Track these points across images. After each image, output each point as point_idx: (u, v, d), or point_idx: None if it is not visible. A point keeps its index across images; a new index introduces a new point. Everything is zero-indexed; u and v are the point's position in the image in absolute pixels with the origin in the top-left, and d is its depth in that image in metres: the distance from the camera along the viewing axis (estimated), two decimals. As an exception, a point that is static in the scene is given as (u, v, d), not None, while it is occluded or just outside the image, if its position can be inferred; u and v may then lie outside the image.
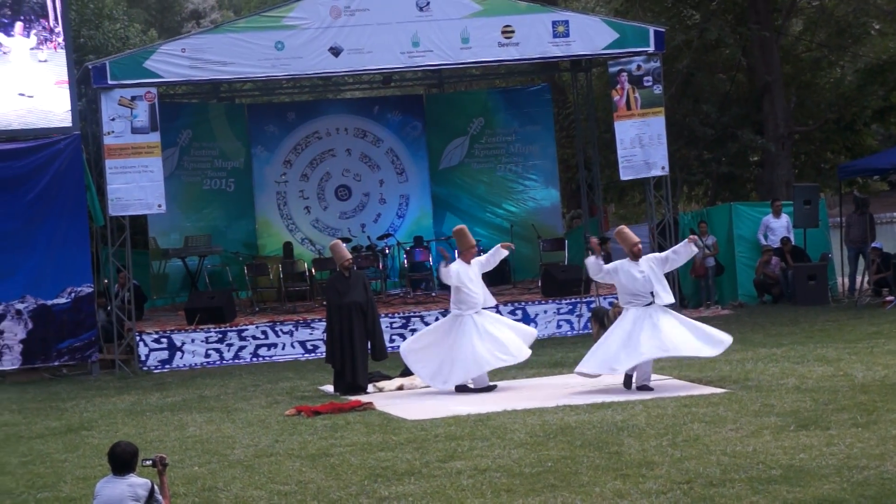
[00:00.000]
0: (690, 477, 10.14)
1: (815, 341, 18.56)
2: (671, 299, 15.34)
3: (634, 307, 15.26)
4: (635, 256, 15.32)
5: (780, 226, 25.40)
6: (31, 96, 21.04)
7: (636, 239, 15.53)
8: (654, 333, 15.00)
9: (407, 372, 17.09)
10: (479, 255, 16.60)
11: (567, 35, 22.28)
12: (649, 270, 15.22)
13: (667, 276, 21.12)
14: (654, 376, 15.54)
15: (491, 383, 16.06)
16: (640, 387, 15.09)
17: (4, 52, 20.99)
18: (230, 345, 21.65)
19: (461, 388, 16.02)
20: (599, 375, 15.53)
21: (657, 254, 15.88)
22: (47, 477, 12.05)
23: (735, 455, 10.83)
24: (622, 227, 16.23)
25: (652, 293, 15.16)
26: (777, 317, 22.57)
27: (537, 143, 28.37)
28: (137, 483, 8.73)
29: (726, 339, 15.32)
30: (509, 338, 16.08)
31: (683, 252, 15.45)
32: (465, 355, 15.81)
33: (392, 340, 21.03)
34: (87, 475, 11.85)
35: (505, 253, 16.53)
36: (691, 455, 10.94)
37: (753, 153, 30.91)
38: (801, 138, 31.31)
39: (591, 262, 15.62)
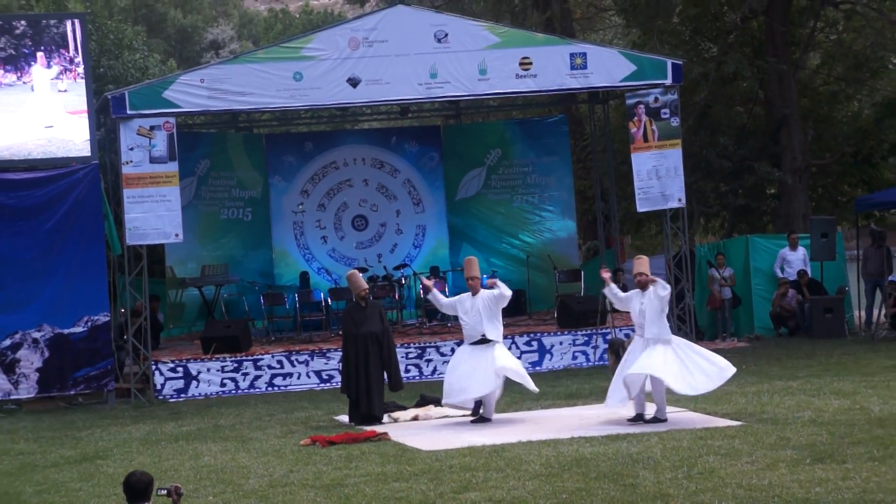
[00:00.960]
0: (705, 510, 10.12)
1: (831, 374, 18.50)
2: (657, 333, 15.25)
3: (638, 336, 15.34)
4: (640, 286, 15.35)
5: (796, 258, 25.37)
6: (51, 126, 21.17)
7: (638, 269, 15.53)
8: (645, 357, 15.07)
9: (422, 402, 17.09)
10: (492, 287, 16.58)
11: (585, 67, 22.32)
12: (648, 303, 15.23)
13: (684, 307, 21.12)
14: (669, 408, 15.52)
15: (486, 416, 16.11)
16: (653, 419, 15.07)
17: (24, 83, 21.13)
18: (246, 374, 21.66)
19: (477, 420, 16.04)
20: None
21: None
22: (62, 505, 12.07)
23: (750, 488, 10.80)
24: (640, 255, 16.30)
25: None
26: (793, 349, 22.51)
27: (554, 175, 28.39)
28: (152, 512, 8.73)
29: (727, 369, 15.26)
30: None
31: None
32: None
33: (407, 371, 21.04)
34: (101, 504, 11.87)
35: (495, 292, 16.35)
36: (706, 488, 10.91)
37: (770, 186, 30.90)
38: (817, 171, 31.28)
39: (608, 292, 15.72)
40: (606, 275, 15.76)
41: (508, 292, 16.10)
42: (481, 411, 16.18)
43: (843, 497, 10.28)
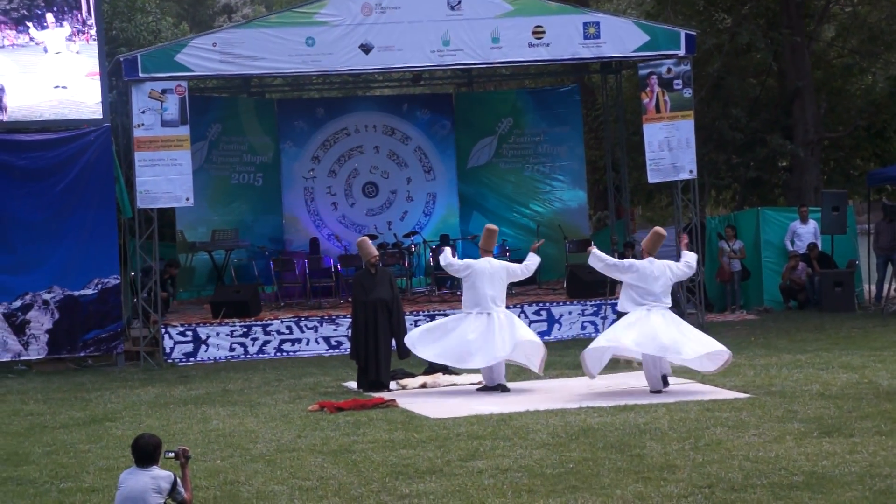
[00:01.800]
0: (712, 481, 10.14)
1: (840, 348, 18.51)
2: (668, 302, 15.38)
3: (643, 308, 15.40)
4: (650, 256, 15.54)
5: (807, 232, 25.33)
6: (65, 87, 21.16)
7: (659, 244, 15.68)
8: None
9: (430, 370, 17.11)
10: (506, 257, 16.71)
11: (598, 37, 22.23)
12: (671, 273, 15.38)
13: (692, 279, 21.16)
14: (677, 380, 15.57)
15: (499, 384, 16.11)
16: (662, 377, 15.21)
17: (37, 44, 21.11)
18: (255, 339, 21.70)
19: (482, 389, 16.08)
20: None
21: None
22: (70, 467, 12.11)
23: (757, 460, 10.82)
24: (660, 228, 16.34)
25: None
26: (802, 323, 22.50)
27: (565, 144, 28.34)
28: (160, 475, 8.77)
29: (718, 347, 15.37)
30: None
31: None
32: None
33: (416, 338, 21.03)
34: (110, 466, 11.92)
35: (537, 260, 16.66)
36: (713, 459, 10.94)
37: (782, 158, 30.82)
38: (830, 144, 31.20)
39: (592, 259, 16.04)
40: (594, 249, 15.95)
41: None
42: (484, 381, 16.19)
43: (849, 470, 10.30)
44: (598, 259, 15.82)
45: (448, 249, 17.64)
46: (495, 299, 16.12)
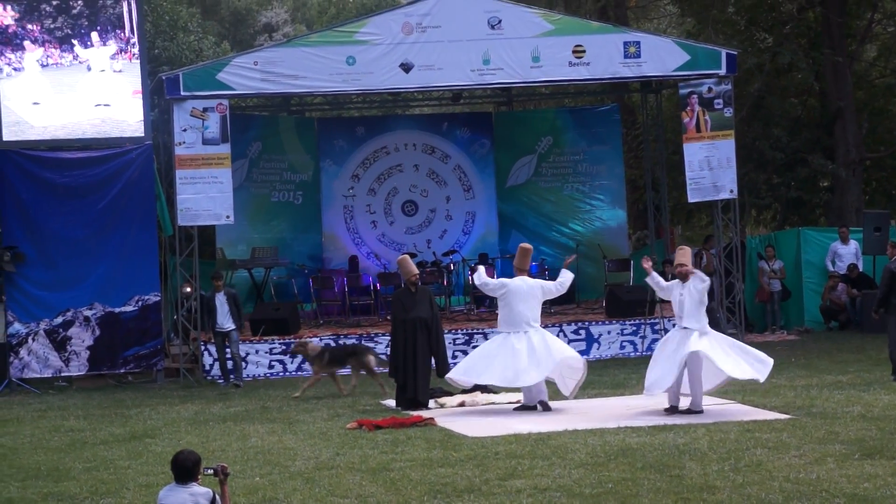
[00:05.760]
0: (752, 503, 10.07)
1: (881, 369, 18.35)
2: (695, 325, 15.17)
3: (678, 327, 15.25)
4: (681, 277, 15.26)
5: (848, 252, 25.20)
6: (108, 105, 21.33)
7: (680, 260, 15.45)
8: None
9: (469, 389, 17.08)
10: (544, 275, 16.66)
11: (638, 56, 22.22)
12: (687, 294, 15.11)
13: (734, 299, 21.01)
14: (717, 400, 15.47)
15: (541, 401, 16.05)
16: (687, 411, 15.01)
17: (80, 63, 21.28)
18: (294, 357, 21.75)
19: (520, 408, 16.04)
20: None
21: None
22: (110, 483, 12.16)
23: (798, 482, 10.75)
24: (683, 246, 16.21)
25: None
26: (843, 343, 22.36)
27: (605, 163, 28.32)
28: (199, 492, 8.78)
29: (766, 360, 15.20)
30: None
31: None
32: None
33: (455, 357, 21.00)
34: (149, 482, 11.95)
35: (570, 276, 16.60)
36: (753, 481, 10.86)
37: (823, 178, 30.68)
38: (872, 164, 31.03)
39: (650, 281, 15.70)
40: (648, 264, 15.70)
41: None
42: (523, 400, 16.14)
43: (892, 493, 10.21)
44: (656, 282, 15.67)
45: (482, 268, 17.59)
46: (530, 319, 16.08)
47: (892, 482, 10.60)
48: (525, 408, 16.03)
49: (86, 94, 21.27)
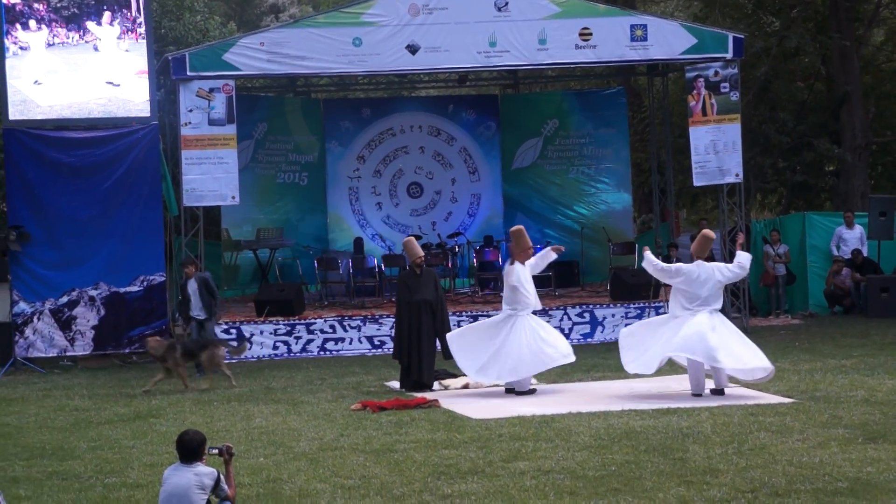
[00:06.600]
0: (755, 486, 10.10)
1: (885, 354, 18.37)
2: (719, 304, 15.29)
3: (687, 311, 15.29)
4: (706, 259, 15.34)
5: (852, 237, 25.17)
6: (118, 85, 21.33)
7: (706, 246, 15.52)
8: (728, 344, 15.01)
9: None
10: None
11: (645, 39, 22.17)
12: (720, 276, 15.22)
13: (738, 283, 21.02)
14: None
15: (532, 387, 16.05)
16: (715, 390, 15.08)
17: (87, 42, 21.28)
18: (298, 338, 21.79)
19: (510, 391, 16.04)
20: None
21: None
22: (115, 462, 12.20)
23: (801, 466, 10.77)
24: (709, 230, 16.22)
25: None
26: (847, 328, 22.36)
27: (611, 147, 28.27)
28: (204, 472, 8.82)
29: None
30: (558, 339, 16.14)
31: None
32: (514, 356, 15.82)
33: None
34: (154, 462, 12.00)
35: (554, 256, 16.56)
36: (756, 464, 10.89)
37: (829, 163, 30.65)
38: (878, 149, 30.98)
39: (646, 263, 15.76)
40: (648, 252, 15.76)
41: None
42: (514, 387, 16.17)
43: (894, 477, 10.22)
44: (649, 262, 15.70)
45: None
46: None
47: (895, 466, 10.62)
48: (512, 391, 16.02)
49: (92, 74, 21.27)
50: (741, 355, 15.07)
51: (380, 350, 21.57)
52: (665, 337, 15.30)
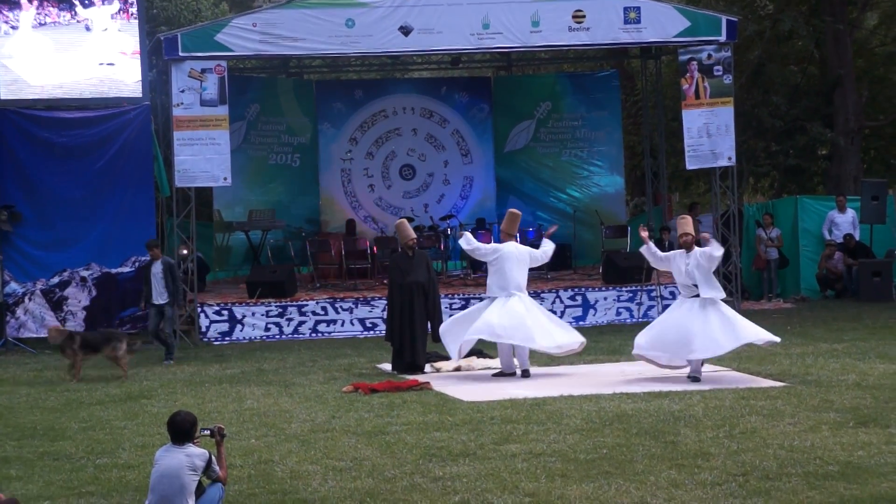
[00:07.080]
0: (746, 469, 10.11)
1: (877, 338, 18.40)
2: (719, 294, 15.17)
3: (682, 297, 15.25)
4: (686, 247, 15.20)
5: (844, 221, 25.19)
6: (112, 64, 21.27)
7: (683, 230, 15.35)
8: (706, 332, 14.90)
9: (465, 354, 17.08)
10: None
11: (638, 21, 22.14)
12: (694, 264, 15.06)
13: (731, 267, 21.02)
14: (712, 368, 15.50)
15: (521, 370, 16.00)
16: (691, 377, 15.04)
17: (78, 22, 21.20)
18: (290, 319, 21.77)
19: (498, 374, 16.04)
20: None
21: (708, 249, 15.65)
22: (106, 443, 12.19)
23: (792, 449, 10.78)
24: (684, 215, 16.16)
25: (696, 286, 15.08)
26: (839, 312, 22.38)
27: (603, 129, 28.25)
28: (195, 453, 8.81)
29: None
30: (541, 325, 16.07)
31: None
32: (543, 323, 15.94)
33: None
34: (145, 443, 11.99)
35: (552, 246, 16.51)
36: (748, 448, 10.90)
37: (822, 146, 30.64)
38: (871, 133, 31.00)
39: (645, 251, 15.64)
40: (644, 233, 15.65)
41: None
42: (502, 368, 16.16)
43: (885, 461, 10.24)
44: (651, 254, 15.64)
45: (468, 233, 17.40)
46: (520, 284, 16.09)
47: (886, 450, 10.64)
48: (503, 374, 16.01)
49: (84, 54, 21.19)
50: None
51: (372, 332, 21.55)
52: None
